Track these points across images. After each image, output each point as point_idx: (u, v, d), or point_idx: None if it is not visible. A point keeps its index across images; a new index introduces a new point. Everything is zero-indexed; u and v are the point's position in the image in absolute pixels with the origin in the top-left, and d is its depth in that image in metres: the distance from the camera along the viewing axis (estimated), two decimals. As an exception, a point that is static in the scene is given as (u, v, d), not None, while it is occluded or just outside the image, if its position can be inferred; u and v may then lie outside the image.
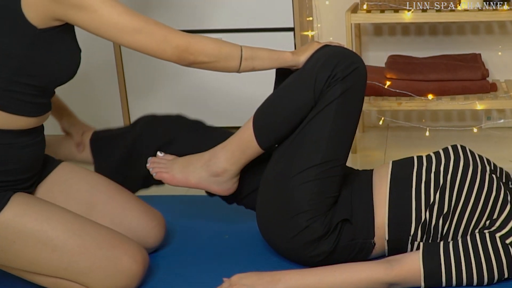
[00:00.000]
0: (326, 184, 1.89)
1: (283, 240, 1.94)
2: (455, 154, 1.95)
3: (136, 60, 2.94)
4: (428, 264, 1.79)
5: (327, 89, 1.87)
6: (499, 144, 2.98)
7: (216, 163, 1.97)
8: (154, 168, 2.02)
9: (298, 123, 1.92)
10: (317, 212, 1.88)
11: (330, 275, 1.81)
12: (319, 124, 1.89)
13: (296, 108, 1.90)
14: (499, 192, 1.87)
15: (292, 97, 1.90)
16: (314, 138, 1.89)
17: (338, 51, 1.91)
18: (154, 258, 2.06)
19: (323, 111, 1.88)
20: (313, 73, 1.87)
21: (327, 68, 1.86)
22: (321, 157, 1.88)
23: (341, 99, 1.87)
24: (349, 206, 1.93)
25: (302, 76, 1.90)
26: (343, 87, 1.86)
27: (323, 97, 1.88)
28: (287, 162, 1.92)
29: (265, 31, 2.86)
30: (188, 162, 2.01)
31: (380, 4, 2.84)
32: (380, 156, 2.90)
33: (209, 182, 1.99)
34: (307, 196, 1.88)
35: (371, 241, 1.91)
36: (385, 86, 2.88)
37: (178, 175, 2.00)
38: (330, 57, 1.88)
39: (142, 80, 3.01)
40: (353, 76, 1.87)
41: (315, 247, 1.90)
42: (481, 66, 2.91)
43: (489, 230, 1.82)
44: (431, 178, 1.90)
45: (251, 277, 1.81)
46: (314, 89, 1.87)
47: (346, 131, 1.91)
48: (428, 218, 1.88)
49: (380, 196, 1.93)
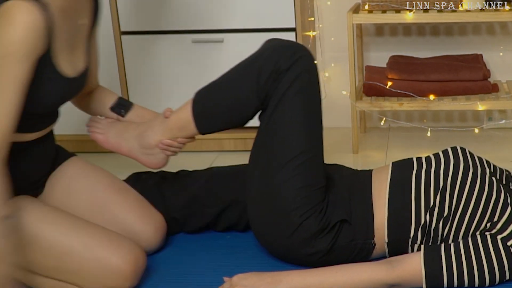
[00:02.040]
0: (308, 177, 1.90)
1: (280, 241, 1.93)
2: (455, 156, 1.95)
3: (137, 61, 2.94)
4: (429, 266, 1.79)
5: (274, 83, 1.88)
6: (501, 144, 2.98)
7: (150, 136, 2.00)
8: (91, 127, 2.07)
9: (240, 115, 1.94)
10: (307, 206, 1.88)
11: (332, 275, 1.81)
12: (280, 120, 1.90)
13: (238, 103, 1.92)
14: (499, 195, 1.86)
15: (235, 91, 1.92)
16: (281, 135, 1.90)
17: (281, 44, 1.92)
18: (155, 259, 2.06)
19: (280, 106, 1.89)
20: (256, 67, 1.89)
21: (270, 62, 1.88)
22: (293, 151, 1.89)
23: (293, 89, 1.88)
24: (347, 206, 1.93)
25: (246, 70, 1.91)
26: (291, 77, 1.87)
27: (274, 91, 1.89)
28: (264, 165, 1.93)
29: (267, 31, 2.85)
30: (125, 129, 2.05)
31: (382, 5, 2.84)
32: (381, 157, 2.90)
33: (139, 153, 2.02)
34: (293, 193, 1.88)
35: (371, 242, 1.91)
36: (386, 87, 2.88)
37: (112, 139, 2.04)
38: (273, 51, 1.89)
39: (143, 84, 3.01)
40: (299, 66, 1.88)
41: (312, 245, 1.90)
42: (482, 66, 2.90)
43: (490, 232, 1.82)
44: (430, 181, 1.90)
45: (252, 278, 1.81)
46: (257, 82, 1.88)
47: (310, 120, 1.92)
48: (428, 221, 1.88)
49: (380, 198, 1.93)
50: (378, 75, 2.95)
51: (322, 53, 3.17)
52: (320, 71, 3.18)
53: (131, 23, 2.89)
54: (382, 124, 3.19)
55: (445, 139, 3.03)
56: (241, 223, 2.15)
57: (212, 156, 2.94)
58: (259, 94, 1.90)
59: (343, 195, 1.95)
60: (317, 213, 1.89)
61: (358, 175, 2.04)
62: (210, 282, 1.92)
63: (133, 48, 2.92)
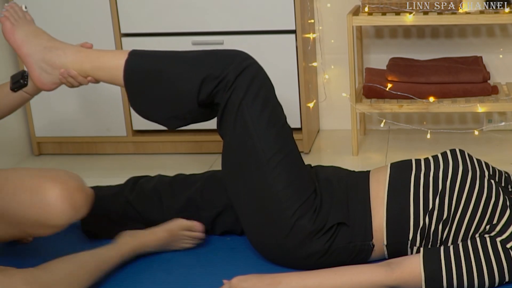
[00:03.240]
0: (290, 175, 1.90)
1: (275, 245, 1.93)
2: (454, 159, 1.95)
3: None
4: (428, 268, 1.79)
5: (224, 94, 1.89)
6: (500, 146, 2.98)
7: (61, 57, 1.92)
8: (6, 11, 1.96)
9: (173, 107, 1.93)
10: (297, 203, 1.89)
11: (331, 277, 1.81)
12: (245, 130, 1.90)
13: (176, 98, 1.91)
14: (498, 197, 1.86)
15: (175, 87, 1.90)
16: (250, 143, 1.90)
17: (225, 54, 1.93)
18: (154, 260, 2.06)
19: (240, 116, 1.90)
20: (201, 74, 1.88)
21: (216, 70, 1.88)
22: (266, 155, 1.90)
23: (249, 98, 1.89)
24: (345, 208, 1.93)
25: (191, 72, 1.90)
26: (242, 87, 1.89)
27: (228, 102, 1.89)
28: (242, 177, 1.93)
29: (267, 33, 2.85)
30: (38, 34, 1.94)
31: (382, 7, 2.84)
32: (381, 159, 2.90)
33: (36, 64, 1.92)
34: (280, 194, 1.89)
35: (370, 243, 1.91)
36: (386, 89, 2.88)
37: (18, 35, 1.93)
38: (217, 60, 1.90)
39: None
40: (247, 74, 1.90)
41: (308, 246, 1.90)
42: (482, 68, 2.90)
43: (489, 234, 1.82)
44: (429, 184, 1.90)
45: (251, 280, 1.81)
46: (198, 92, 1.89)
47: (274, 122, 1.92)
48: (427, 224, 1.88)
49: (378, 200, 1.93)
50: (378, 77, 2.95)
51: (322, 55, 3.17)
52: (320, 73, 3.19)
53: (132, 25, 2.90)
54: (382, 126, 3.20)
55: (445, 141, 3.04)
56: (237, 228, 2.14)
57: (212, 158, 2.94)
58: (200, 100, 1.91)
59: (340, 197, 1.95)
60: (310, 212, 1.89)
61: (356, 176, 2.03)
62: (210, 284, 1.92)
63: (133, 50, 2.92)
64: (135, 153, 3.06)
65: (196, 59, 1.93)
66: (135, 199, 2.17)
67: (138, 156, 3.04)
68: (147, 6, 2.86)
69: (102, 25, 2.90)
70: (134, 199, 2.17)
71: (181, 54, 1.96)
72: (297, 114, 2.93)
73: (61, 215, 1.73)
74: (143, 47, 2.89)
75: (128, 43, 2.91)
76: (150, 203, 2.15)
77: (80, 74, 1.93)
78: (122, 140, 3.04)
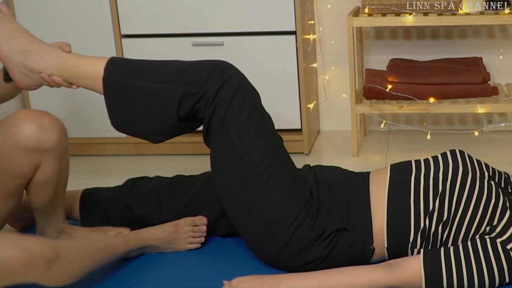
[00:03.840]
0: (285, 185, 1.88)
1: (275, 254, 1.92)
2: (454, 160, 1.94)
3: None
4: (429, 269, 1.79)
5: (207, 109, 1.85)
6: (500, 147, 2.98)
7: (39, 62, 1.87)
8: None
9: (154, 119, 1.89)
10: (294, 213, 1.87)
11: (331, 278, 1.81)
12: (232, 144, 1.86)
13: (157, 115, 1.88)
14: (498, 199, 1.86)
15: (154, 103, 1.87)
16: (241, 157, 1.87)
17: (205, 68, 1.87)
18: (155, 261, 2.06)
19: (225, 131, 1.86)
20: (180, 90, 1.84)
21: (195, 86, 1.84)
22: (259, 167, 1.86)
23: (232, 112, 1.85)
24: (345, 212, 1.92)
25: (170, 87, 1.85)
26: (225, 102, 1.84)
27: (212, 117, 1.85)
28: (236, 189, 1.91)
29: (267, 34, 2.86)
30: (16, 35, 1.87)
31: (382, 8, 2.85)
32: (381, 160, 2.90)
33: (15, 68, 1.87)
34: (276, 205, 1.87)
35: (371, 247, 1.91)
36: (386, 90, 2.88)
37: None
38: (199, 74, 1.85)
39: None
40: (229, 88, 1.85)
41: (308, 253, 1.89)
42: (482, 69, 2.91)
43: (489, 235, 1.82)
44: (430, 185, 1.90)
45: (252, 281, 1.81)
46: (178, 109, 1.85)
47: (262, 132, 1.88)
48: (427, 225, 1.87)
49: (378, 202, 1.92)
50: (378, 78, 2.95)
51: (322, 56, 3.17)
52: (320, 74, 3.19)
53: (132, 26, 2.90)
54: (382, 127, 3.20)
55: (445, 142, 3.04)
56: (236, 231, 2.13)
57: (212, 159, 2.94)
58: (180, 116, 1.87)
59: (339, 200, 1.94)
60: (308, 219, 1.88)
61: (356, 178, 2.02)
62: (210, 285, 1.92)
63: (133, 51, 2.92)
64: (135, 154, 3.06)
65: (174, 73, 1.88)
66: (133, 202, 2.17)
67: (138, 157, 3.04)
68: (147, 7, 2.86)
69: (102, 26, 2.90)
70: (133, 202, 2.17)
71: (159, 67, 1.90)
72: (297, 115, 2.93)
73: (29, 133, 1.83)
74: (143, 48, 2.91)
75: (128, 44, 2.91)
76: (148, 207, 2.15)
77: (62, 80, 1.89)
78: (122, 141, 3.04)
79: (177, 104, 1.86)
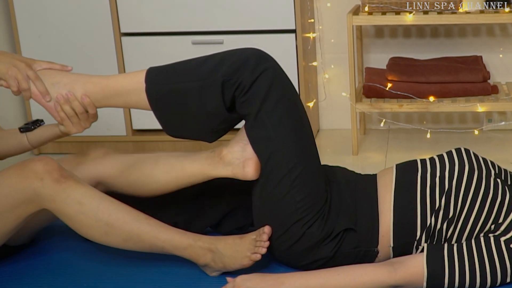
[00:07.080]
0: (307, 187, 1.87)
1: (284, 249, 1.93)
2: (459, 158, 1.94)
3: (137, 62, 2.94)
4: (431, 266, 1.78)
5: (243, 103, 1.84)
6: (500, 146, 2.98)
7: (66, 87, 1.89)
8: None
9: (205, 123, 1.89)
10: (310, 215, 1.87)
11: (334, 277, 1.81)
12: (265, 137, 1.86)
13: (204, 115, 1.87)
14: (504, 197, 1.86)
15: (198, 104, 1.85)
16: (269, 151, 1.86)
17: (241, 57, 1.85)
18: (159, 257, 2.05)
19: (259, 123, 1.85)
20: (218, 82, 1.83)
21: (232, 76, 1.82)
22: (287, 166, 1.86)
23: (268, 105, 1.84)
24: (353, 214, 1.92)
25: (207, 86, 1.84)
26: (260, 94, 1.83)
27: (249, 109, 1.84)
28: (261, 183, 1.90)
29: (267, 32, 2.85)
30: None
31: (382, 6, 2.84)
32: (381, 158, 2.90)
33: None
34: (295, 206, 1.87)
35: (375, 249, 1.91)
36: (386, 88, 2.88)
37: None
38: (231, 65, 1.83)
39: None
40: (264, 80, 1.84)
41: (315, 253, 1.89)
42: (482, 68, 2.91)
43: (494, 234, 1.82)
44: (436, 183, 1.90)
45: (255, 279, 1.81)
46: (223, 100, 1.84)
47: (296, 130, 1.88)
48: (433, 223, 1.87)
49: (385, 203, 1.92)
50: (378, 77, 2.95)
51: (322, 54, 3.17)
52: (320, 73, 3.19)
53: (131, 24, 2.89)
54: (382, 126, 3.20)
55: (445, 140, 3.04)
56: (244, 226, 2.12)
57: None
58: (227, 106, 1.86)
59: (348, 201, 1.94)
60: (319, 220, 1.88)
61: (364, 179, 2.02)
62: (214, 282, 1.92)
63: (133, 49, 2.92)
64: (135, 153, 3.05)
65: (210, 68, 1.86)
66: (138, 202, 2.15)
67: (138, 155, 3.03)
68: (147, 5, 2.86)
69: (102, 24, 2.90)
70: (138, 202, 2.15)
71: (195, 65, 1.89)
72: (297, 114, 2.93)
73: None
74: (142, 46, 2.90)
75: (128, 42, 2.90)
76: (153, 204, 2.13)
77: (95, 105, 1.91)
78: (122, 140, 3.04)
79: (221, 96, 1.83)
